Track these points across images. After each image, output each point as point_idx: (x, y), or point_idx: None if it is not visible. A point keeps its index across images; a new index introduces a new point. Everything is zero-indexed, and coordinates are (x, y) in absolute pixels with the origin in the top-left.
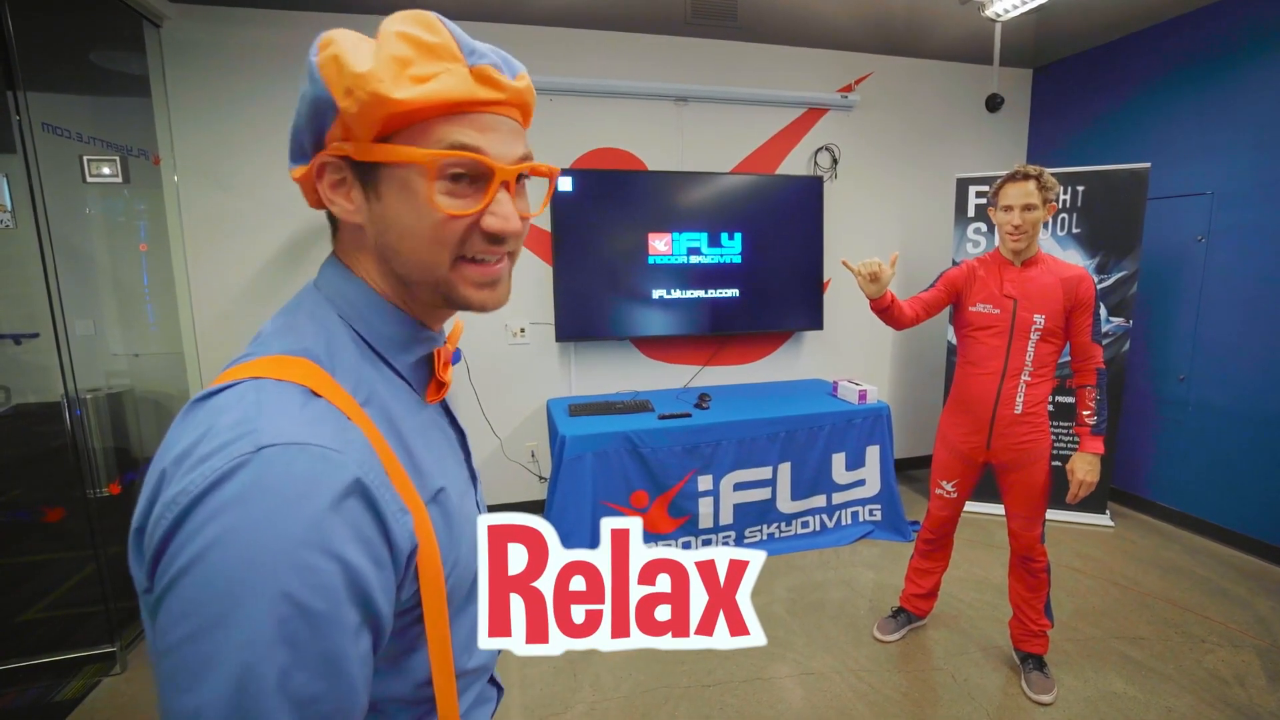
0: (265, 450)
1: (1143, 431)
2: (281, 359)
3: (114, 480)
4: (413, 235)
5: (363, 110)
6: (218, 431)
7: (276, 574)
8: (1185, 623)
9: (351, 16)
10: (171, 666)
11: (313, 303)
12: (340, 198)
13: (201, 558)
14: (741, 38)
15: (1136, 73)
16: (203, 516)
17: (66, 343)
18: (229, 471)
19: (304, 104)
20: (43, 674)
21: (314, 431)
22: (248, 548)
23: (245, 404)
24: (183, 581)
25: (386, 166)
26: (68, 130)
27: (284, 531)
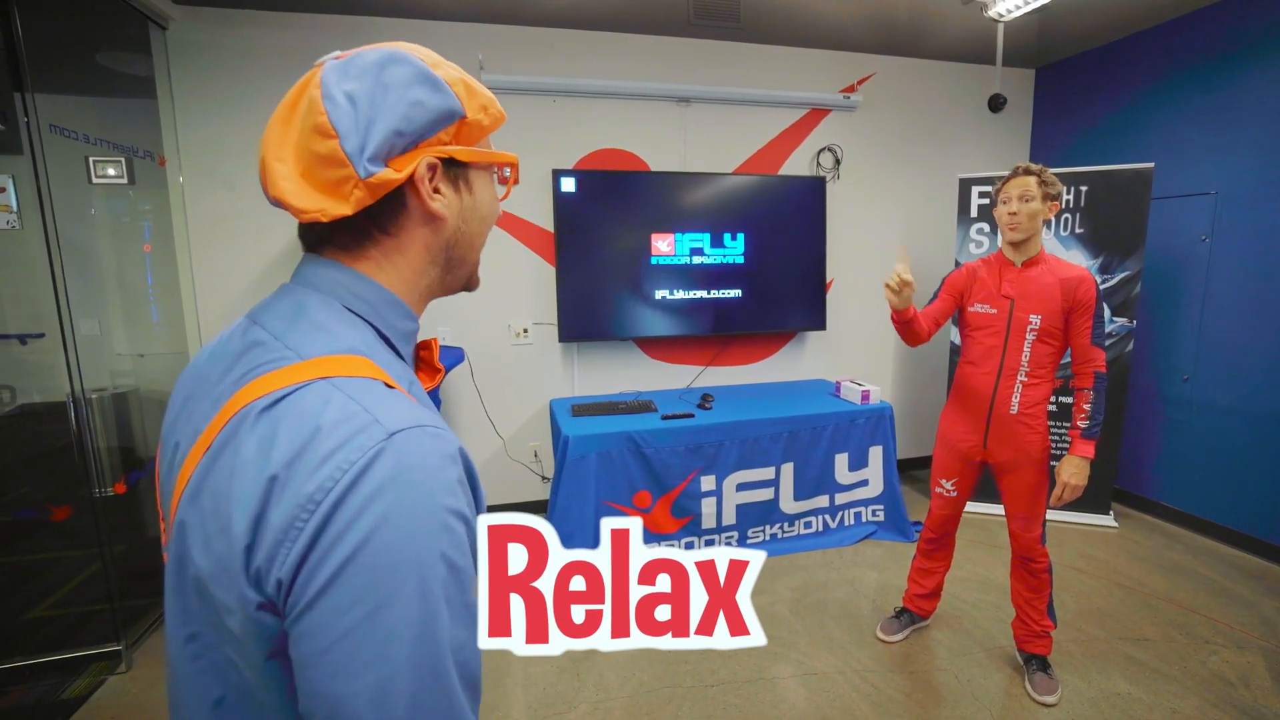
0: (396, 435)
1: (1147, 432)
2: (335, 359)
3: (119, 479)
4: (486, 220)
5: (490, 122)
6: (332, 427)
7: (435, 540)
8: (1190, 624)
9: (354, 19)
10: (347, 652)
11: (318, 303)
12: (432, 192)
13: (368, 542)
14: (744, 38)
15: (1140, 72)
16: (357, 504)
17: (74, 343)
18: (371, 459)
19: (421, 111)
20: (49, 672)
21: (419, 414)
22: (411, 522)
23: (341, 399)
24: (350, 569)
25: (475, 165)
26: (74, 132)
27: (435, 502)
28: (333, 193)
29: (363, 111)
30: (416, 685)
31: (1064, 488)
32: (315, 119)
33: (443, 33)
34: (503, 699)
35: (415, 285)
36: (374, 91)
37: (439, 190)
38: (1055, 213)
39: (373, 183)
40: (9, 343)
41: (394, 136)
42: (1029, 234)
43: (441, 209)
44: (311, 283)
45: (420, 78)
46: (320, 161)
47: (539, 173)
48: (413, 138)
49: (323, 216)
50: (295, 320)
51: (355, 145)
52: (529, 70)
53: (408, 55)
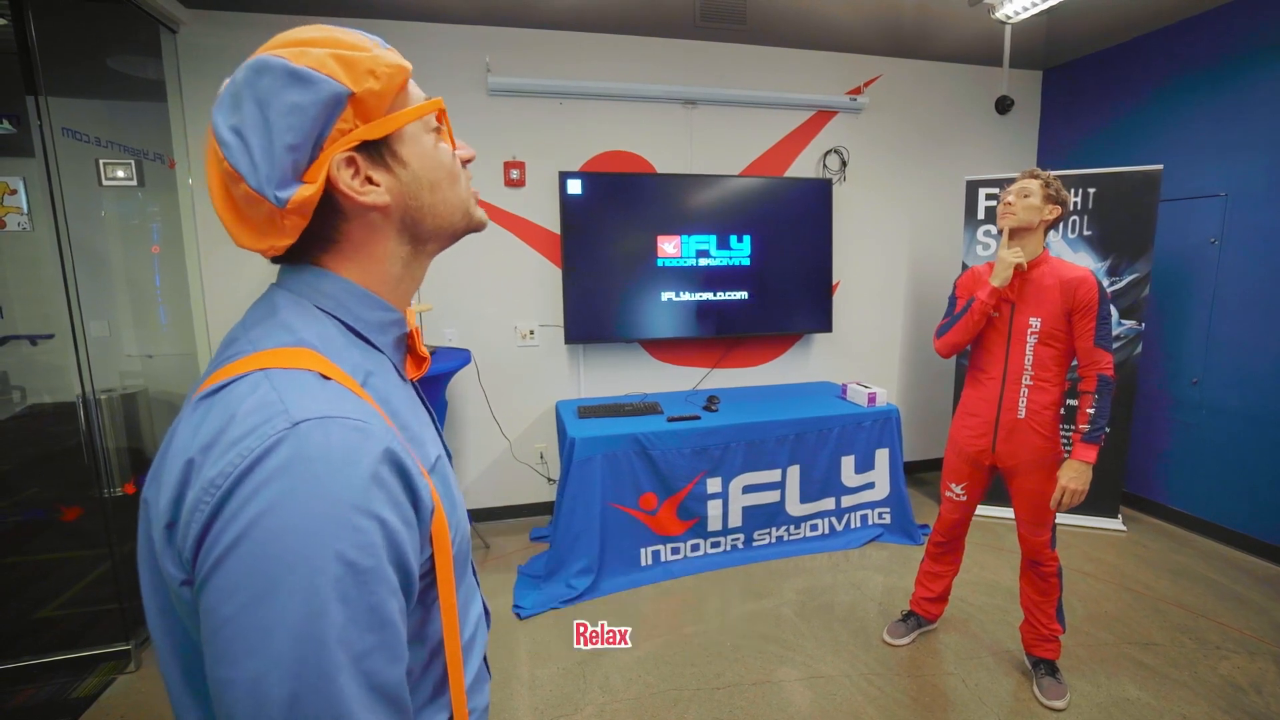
0: (301, 425)
1: (1155, 435)
2: (280, 351)
3: (129, 480)
4: (440, 184)
5: (385, 84)
6: (245, 415)
7: (328, 536)
8: (1199, 629)
9: (361, 21)
10: (228, 638)
11: (288, 302)
12: (358, 182)
13: (251, 529)
14: (750, 40)
15: (1149, 74)
16: (248, 491)
17: (85, 344)
18: (270, 447)
19: (299, 115)
20: (59, 671)
21: (340, 406)
22: (299, 514)
23: (264, 389)
24: (233, 555)
25: (399, 134)
26: (86, 135)
27: (332, 496)
28: (270, 228)
29: (252, 142)
30: (295, 684)
31: (1063, 492)
32: (221, 166)
33: (450, 35)
34: (508, 701)
35: (386, 271)
36: (254, 115)
37: (370, 179)
38: (1057, 217)
39: (293, 207)
40: (19, 343)
41: (289, 153)
42: (1022, 225)
43: (377, 198)
44: (284, 283)
45: (288, 79)
46: (246, 203)
47: (545, 175)
48: (310, 143)
49: (276, 251)
50: (264, 318)
51: (259, 179)
52: (536, 73)
53: (269, 59)
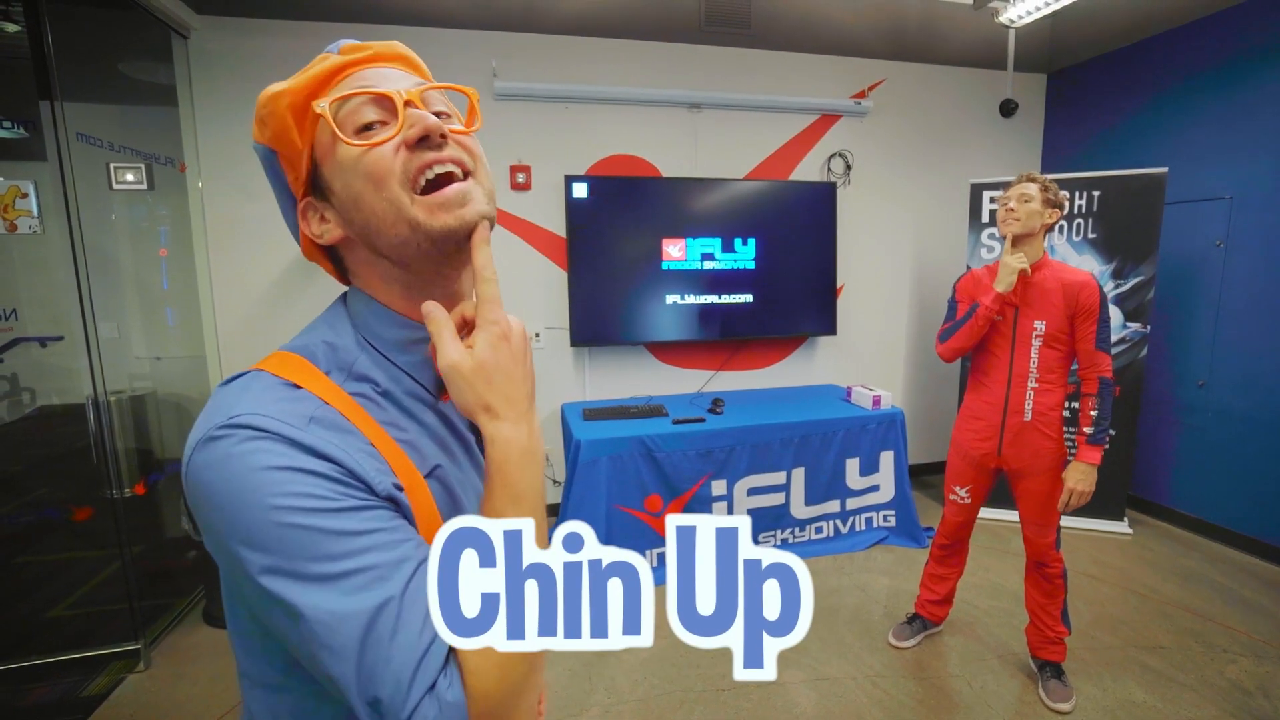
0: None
1: (1161, 437)
2: (282, 354)
3: (139, 481)
4: (363, 195)
5: (274, 125)
6: (210, 410)
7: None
8: (1206, 632)
9: (371, 27)
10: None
11: (333, 313)
12: (320, 226)
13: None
14: (755, 45)
15: (1153, 77)
16: (192, 474)
17: (97, 346)
18: (201, 440)
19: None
20: (69, 670)
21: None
22: (222, 498)
23: (236, 389)
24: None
25: (322, 164)
26: (99, 139)
27: (253, 499)
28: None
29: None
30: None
31: (1070, 494)
32: None
33: (457, 40)
34: None
35: (392, 291)
36: None
37: (324, 218)
38: (1056, 220)
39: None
40: (29, 345)
41: (284, 210)
42: (1025, 230)
43: (330, 237)
44: (344, 296)
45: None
46: None
47: (551, 178)
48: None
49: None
50: (316, 321)
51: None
52: (542, 77)
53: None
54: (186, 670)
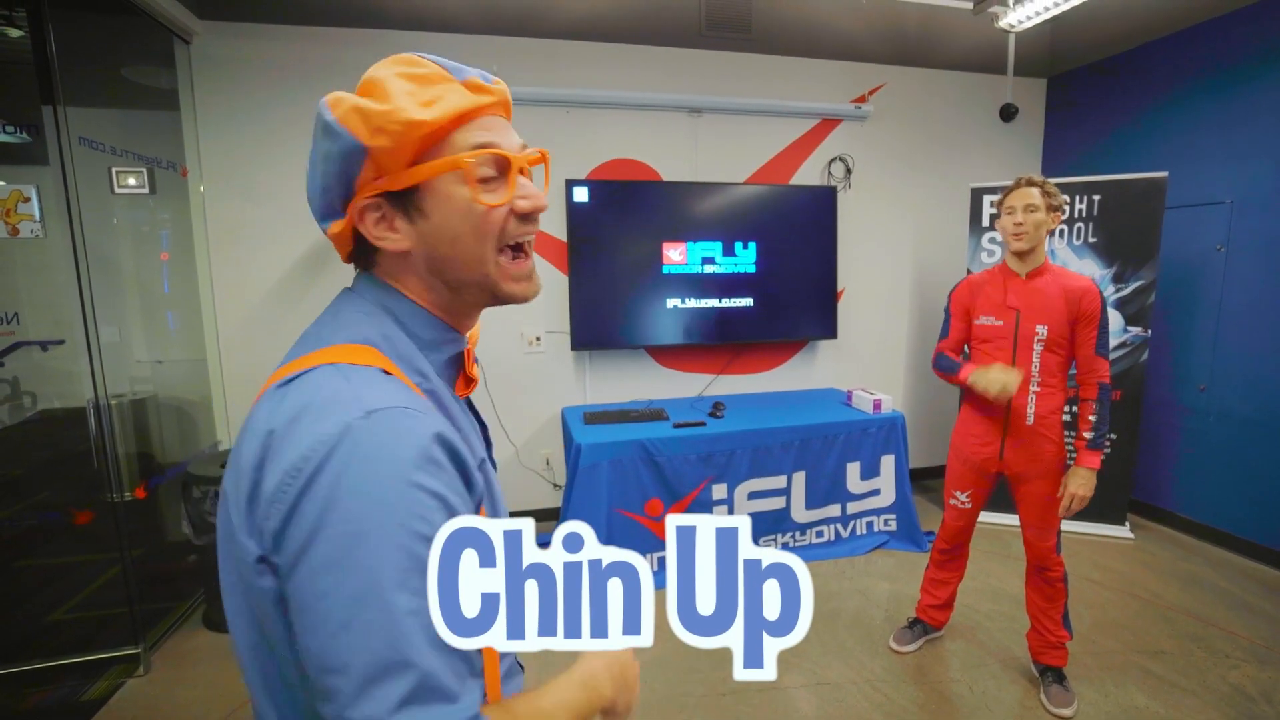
0: (373, 414)
1: (1163, 442)
2: (348, 347)
3: (139, 484)
4: (462, 238)
5: (396, 141)
6: (322, 403)
7: (402, 511)
8: (1209, 637)
9: (372, 32)
10: (321, 613)
11: (356, 305)
12: (386, 231)
13: (335, 510)
14: (755, 49)
15: (1153, 82)
16: (331, 474)
17: (98, 350)
18: (343, 434)
19: (330, 162)
20: (69, 674)
21: (400, 397)
22: (375, 493)
23: (337, 380)
24: (322, 535)
25: (426, 186)
26: (101, 143)
27: (400, 477)
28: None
29: (310, 176)
30: (390, 652)
31: (1072, 499)
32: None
33: (458, 45)
34: None
35: (433, 298)
36: (310, 154)
37: (394, 227)
38: (1058, 224)
39: (330, 237)
40: (30, 349)
41: (324, 194)
42: (1034, 244)
43: (393, 244)
44: (355, 287)
45: (323, 129)
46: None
47: (552, 183)
48: (341, 188)
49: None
50: (334, 316)
51: (313, 209)
52: (543, 81)
53: (321, 105)
54: (186, 674)
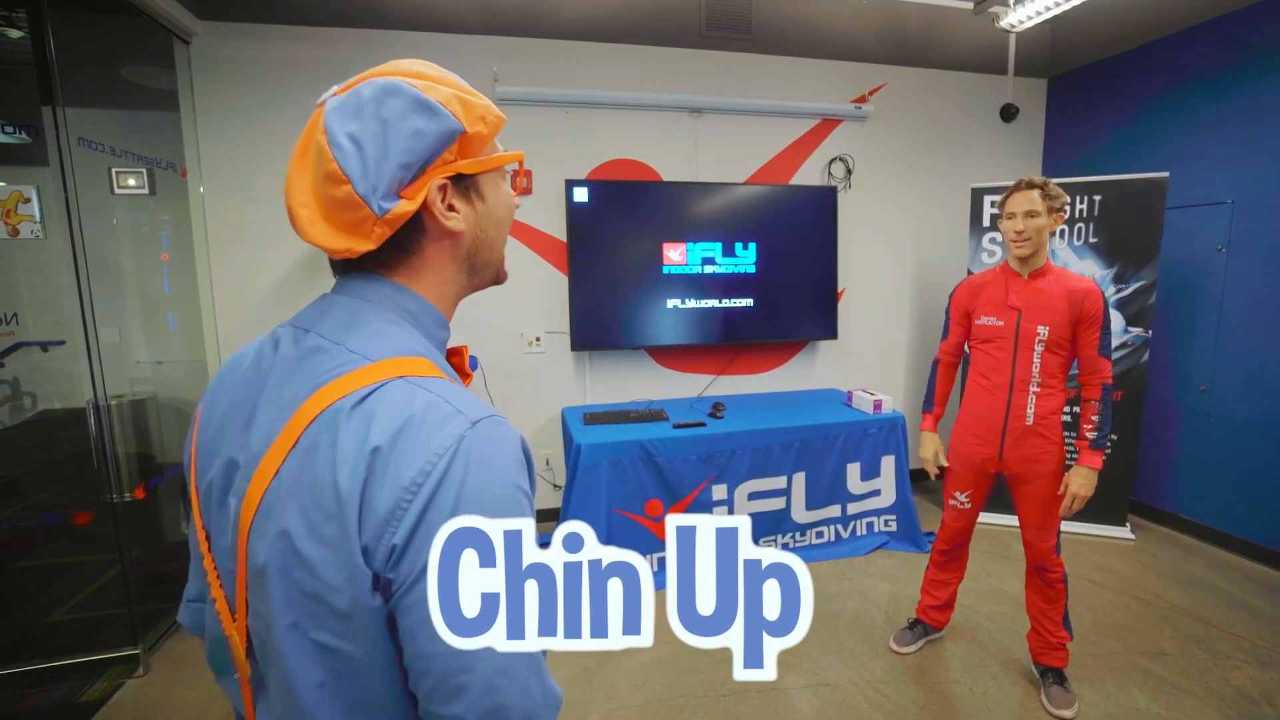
0: (479, 424)
1: (1164, 443)
2: (403, 360)
3: (139, 485)
4: (503, 222)
5: (491, 130)
6: (423, 416)
7: (511, 512)
8: (1210, 638)
9: (372, 32)
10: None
11: (375, 312)
12: (444, 204)
13: (460, 516)
14: (756, 50)
15: (1153, 82)
16: (455, 484)
17: (97, 351)
18: (460, 445)
19: (421, 139)
20: (68, 675)
21: (488, 406)
22: (494, 499)
23: (425, 394)
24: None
25: (485, 185)
26: (101, 144)
27: (509, 481)
28: (355, 231)
29: (368, 152)
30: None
31: (1073, 499)
32: (326, 167)
33: (458, 45)
34: None
35: (445, 294)
36: (375, 130)
37: (453, 207)
38: (1060, 224)
39: (390, 218)
40: (30, 350)
41: (401, 170)
42: (1036, 248)
43: (457, 225)
44: (359, 294)
45: (416, 106)
46: (339, 205)
47: (552, 183)
48: (419, 166)
49: (352, 254)
50: (353, 328)
51: (367, 187)
52: (543, 81)
53: (401, 85)
54: (185, 675)
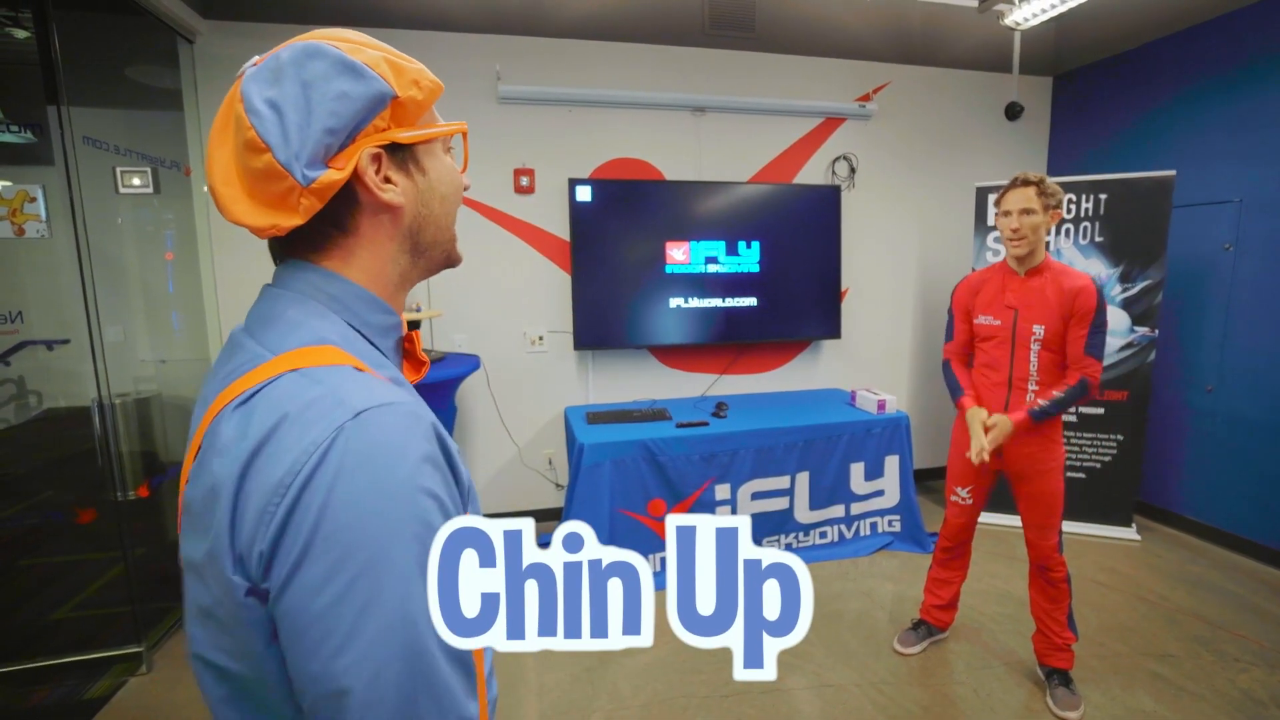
0: (362, 414)
1: (1170, 443)
2: (306, 350)
3: (142, 483)
4: (448, 199)
5: (427, 96)
6: (299, 412)
7: (402, 519)
8: (1217, 640)
9: (375, 30)
10: (323, 631)
11: (292, 302)
12: (377, 176)
13: (334, 519)
14: (759, 48)
15: (1160, 80)
16: (325, 482)
17: (101, 349)
18: (335, 438)
19: (347, 103)
20: (72, 672)
21: (387, 393)
22: (376, 501)
23: (308, 385)
24: (318, 548)
25: (423, 146)
26: (105, 143)
27: (401, 480)
28: (281, 205)
29: (289, 118)
30: (399, 666)
31: (983, 429)
32: (244, 135)
33: (461, 44)
34: (516, 706)
35: (386, 276)
36: (296, 93)
37: (389, 179)
38: (1057, 221)
39: (316, 188)
40: (35, 348)
41: (326, 136)
42: (1032, 246)
43: (395, 198)
44: (285, 283)
45: (341, 67)
46: (260, 177)
47: (555, 182)
48: (346, 132)
49: (278, 231)
50: (270, 321)
51: (289, 154)
52: (546, 80)
53: (323, 46)
54: (187, 674)
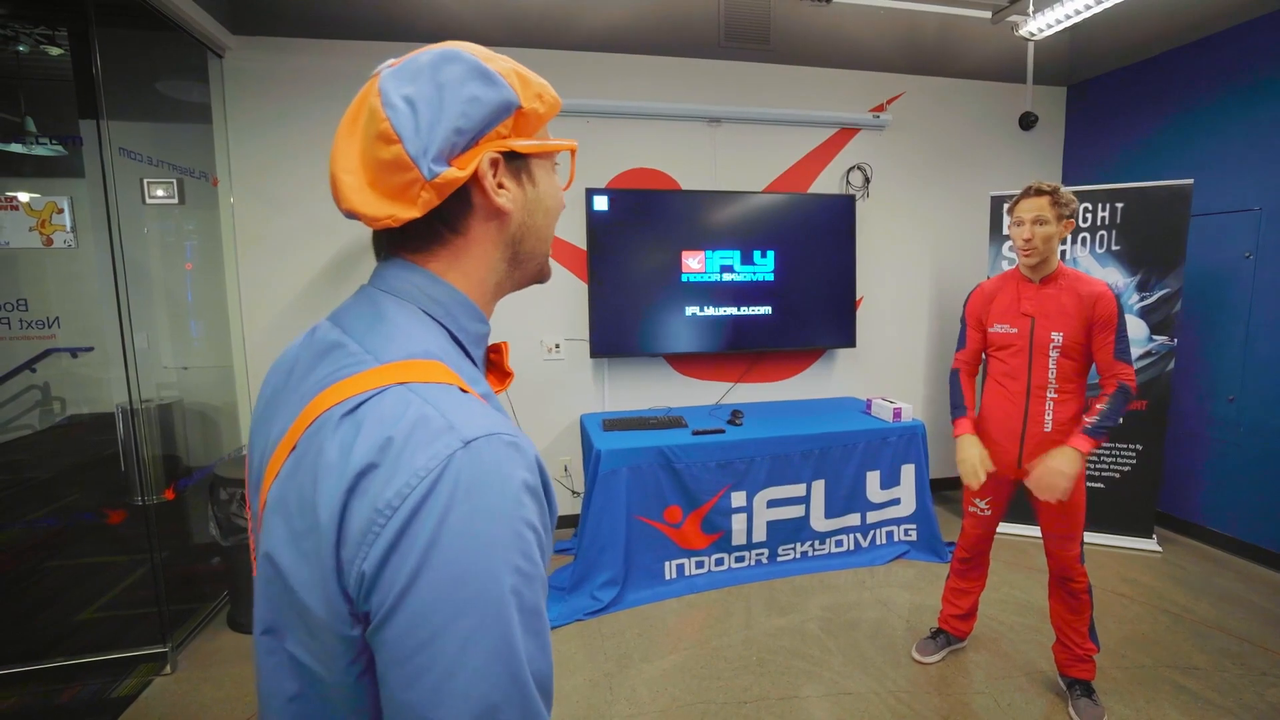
0: (472, 444)
1: (1191, 454)
2: (412, 364)
3: (168, 486)
4: (551, 212)
5: (548, 110)
6: (409, 432)
7: (507, 550)
8: (1244, 653)
9: (399, 45)
10: (423, 663)
11: (397, 308)
12: (505, 186)
13: (442, 551)
14: (774, 60)
15: (1176, 89)
16: (435, 511)
17: (133, 357)
18: (446, 466)
19: (478, 106)
20: (99, 671)
21: (493, 422)
22: (483, 532)
23: (419, 405)
24: (425, 578)
25: (535, 159)
26: (139, 154)
27: (506, 512)
28: (401, 197)
29: (422, 114)
30: (498, 696)
31: (1047, 470)
32: (378, 126)
33: None
34: None
35: (485, 284)
36: (431, 92)
37: (503, 185)
38: (1069, 230)
39: (438, 183)
40: (60, 356)
41: (454, 135)
42: (1045, 256)
43: (506, 203)
44: (388, 286)
45: (474, 73)
46: (386, 168)
47: (573, 191)
48: (472, 134)
49: (393, 222)
50: (374, 324)
51: (418, 148)
52: (564, 92)
53: (460, 53)
54: (211, 674)
